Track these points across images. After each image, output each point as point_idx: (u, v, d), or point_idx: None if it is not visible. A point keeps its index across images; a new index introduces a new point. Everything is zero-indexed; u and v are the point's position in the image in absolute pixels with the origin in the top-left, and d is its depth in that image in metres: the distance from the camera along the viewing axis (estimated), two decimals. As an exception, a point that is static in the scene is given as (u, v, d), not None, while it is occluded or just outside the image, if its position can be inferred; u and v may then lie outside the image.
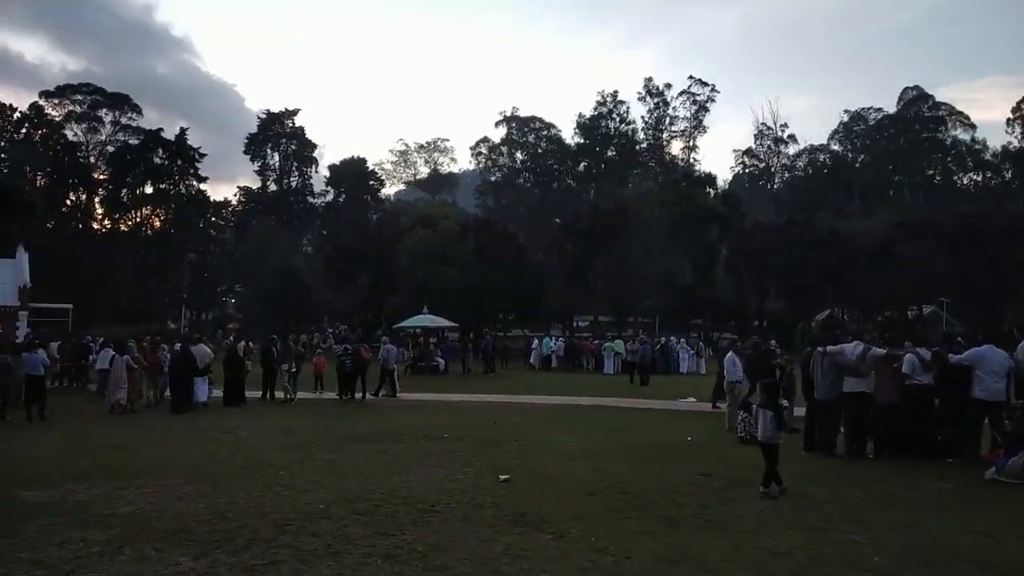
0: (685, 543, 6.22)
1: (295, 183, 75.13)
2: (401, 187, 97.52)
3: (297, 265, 54.91)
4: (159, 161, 63.97)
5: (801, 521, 6.99)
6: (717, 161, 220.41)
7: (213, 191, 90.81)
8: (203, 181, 66.54)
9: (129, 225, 65.28)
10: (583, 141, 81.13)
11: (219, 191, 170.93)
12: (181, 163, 64.40)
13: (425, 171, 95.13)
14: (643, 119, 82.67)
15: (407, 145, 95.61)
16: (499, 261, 44.20)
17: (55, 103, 64.39)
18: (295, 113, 74.04)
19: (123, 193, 63.95)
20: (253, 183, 75.15)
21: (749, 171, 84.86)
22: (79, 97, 64.59)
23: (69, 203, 63.81)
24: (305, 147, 74.44)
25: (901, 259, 43.67)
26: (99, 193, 64.93)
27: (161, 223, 66.24)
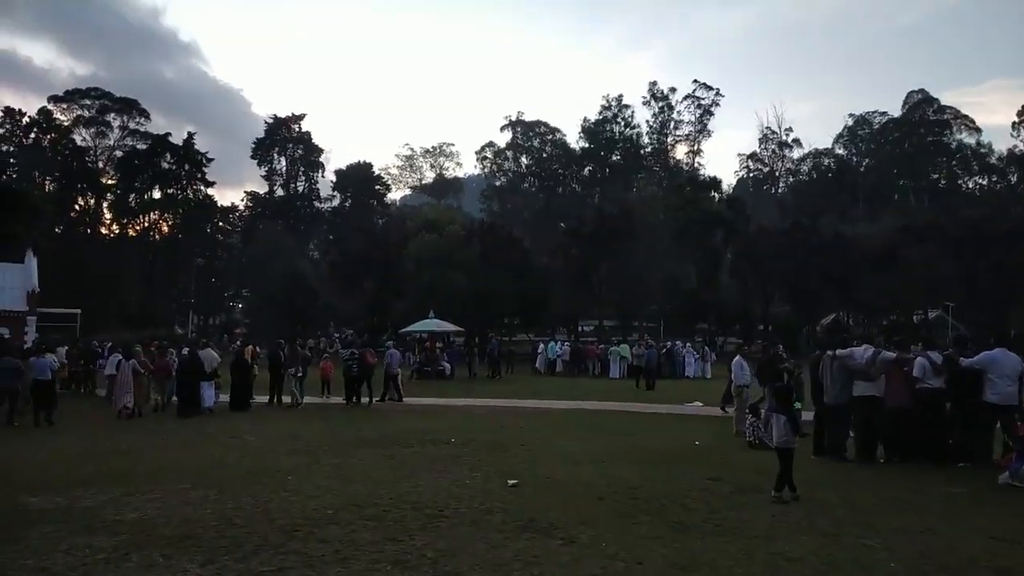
0: (696, 549, 6.16)
1: (302, 188, 75.42)
2: (407, 192, 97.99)
3: (304, 270, 55.09)
4: (167, 166, 64.30)
5: (813, 526, 6.92)
6: (721, 165, 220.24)
7: (220, 196, 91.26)
8: (210, 186, 67.01)
9: (137, 230, 65.50)
10: (588, 145, 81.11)
11: (226, 196, 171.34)
12: (189, 168, 64.67)
13: (431, 176, 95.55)
14: (647, 123, 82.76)
15: (413, 150, 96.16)
16: (504, 265, 44.21)
17: (63, 108, 64.87)
18: (301, 118, 74.44)
19: (131, 198, 64.24)
20: (260, 188, 75.54)
21: (753, 175, 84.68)
22: (87, 102, 65.07)
23: (77, 208, 64.14)
24: (311, 152, 74.69)
25: (906, 263, 43.47)
26: (107, 198, 65.21)
27: (169, 228, 66.45)
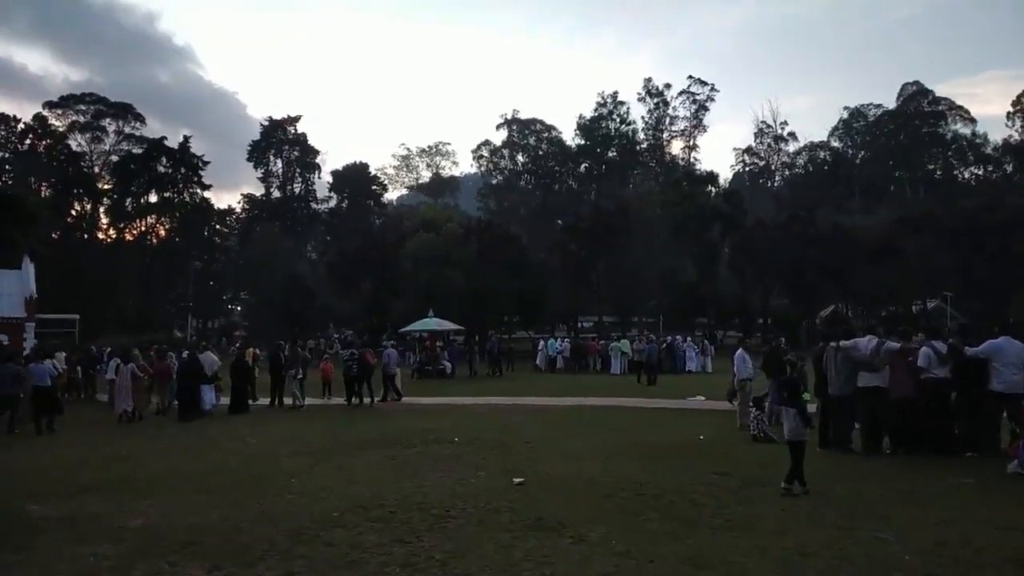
0: (707, 544, 6.11)
1: (298, 189, 75.36)
2: (403, 191, 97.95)
3: (301, 271, 55.05)
4: (163, 170, 64.14)
5: (823, 519, 6.86)
6: (717, 160, 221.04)
7: (217, 199, 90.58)
8: (207, 189, 66.86)
9: (134, 234, 65.39)
10: (584, 142, 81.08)
11: (223, 199, 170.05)
12: (185, 171, 64.53)
13: (427, 175, 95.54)
14: (643, 119, 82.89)
15: (409, 150, 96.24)
16: (502, 263, 44.14)
17: (59, 114, 64.69)
18: (297, 120, 74.36)
19: (127, 202, 64.14)
20: (256, 190, 75.61)
21: (749, 169, 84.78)
22: (82, 107, 64.91)
23: (74, 213, 64.03)
24: (307, 153, 74.59)
25: (903, 254, 43.55)
26: (104, 203, 65.08)
27: (166, 232, 66.37)
